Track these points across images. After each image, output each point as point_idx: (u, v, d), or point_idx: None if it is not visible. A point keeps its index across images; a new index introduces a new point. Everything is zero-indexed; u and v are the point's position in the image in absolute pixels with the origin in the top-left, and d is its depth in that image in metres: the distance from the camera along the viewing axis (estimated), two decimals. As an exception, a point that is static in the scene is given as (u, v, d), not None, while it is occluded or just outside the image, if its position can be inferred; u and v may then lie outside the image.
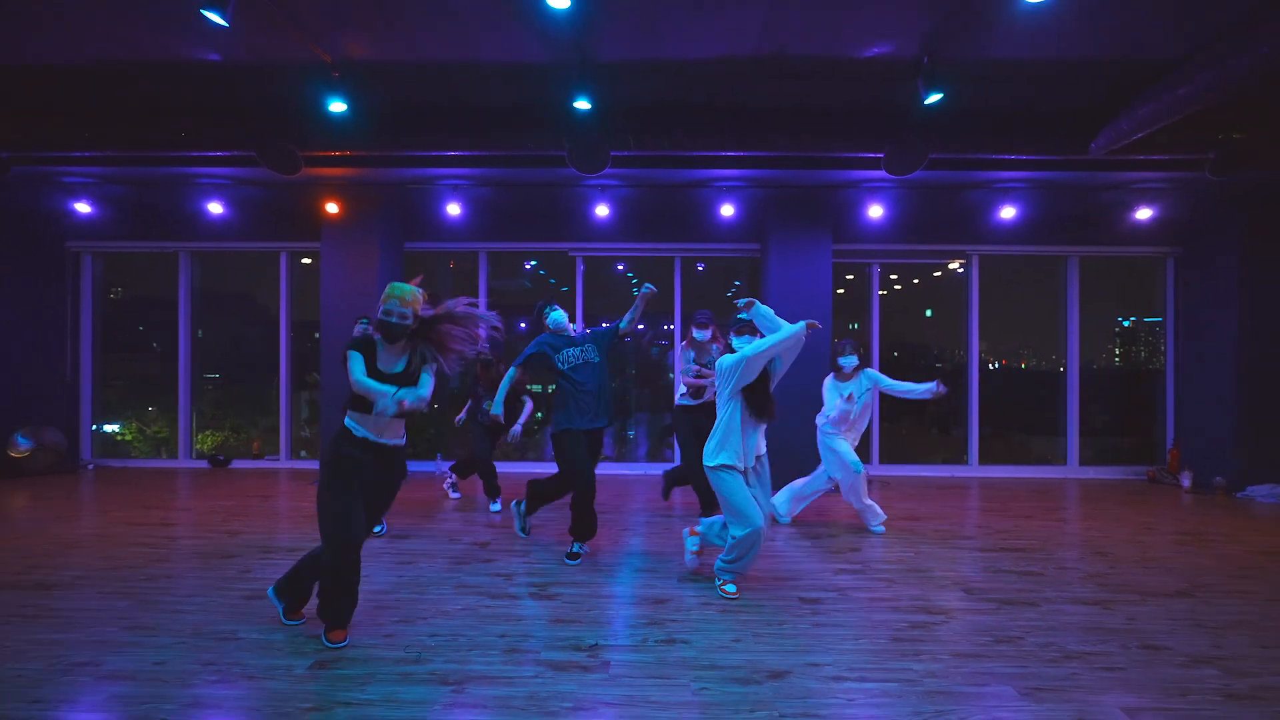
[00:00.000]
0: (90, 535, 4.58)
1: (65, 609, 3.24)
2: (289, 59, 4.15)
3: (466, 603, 3.36)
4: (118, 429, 7.83)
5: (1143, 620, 3.19)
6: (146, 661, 2.68)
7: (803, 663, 2.71)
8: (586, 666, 2.67)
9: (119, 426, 7.83)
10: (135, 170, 5.71)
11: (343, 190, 6.31)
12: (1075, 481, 6.93)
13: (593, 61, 4.15)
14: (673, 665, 2.69)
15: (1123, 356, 8.05)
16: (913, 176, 5.27)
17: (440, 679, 2.56)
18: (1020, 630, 3.05)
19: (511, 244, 7.24)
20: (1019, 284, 7.69)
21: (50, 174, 5.96)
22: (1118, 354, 8.10)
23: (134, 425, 7.84)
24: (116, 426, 7.82)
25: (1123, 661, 2.75)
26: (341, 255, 6.47)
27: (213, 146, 4.95)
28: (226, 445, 7.82)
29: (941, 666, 2.68)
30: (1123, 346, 8.09)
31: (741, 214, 6.60)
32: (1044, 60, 4.09)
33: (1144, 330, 7.95)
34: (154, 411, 7.93)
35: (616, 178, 5.90)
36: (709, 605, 3.35)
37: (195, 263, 7.51)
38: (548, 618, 3.17)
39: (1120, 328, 8.03)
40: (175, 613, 3.20)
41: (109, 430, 7.80)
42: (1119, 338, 8.09)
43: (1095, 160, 4.91)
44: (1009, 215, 6.33)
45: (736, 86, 4.55)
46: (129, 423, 7.83)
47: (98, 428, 7.67)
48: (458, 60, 4.17)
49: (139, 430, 7.88)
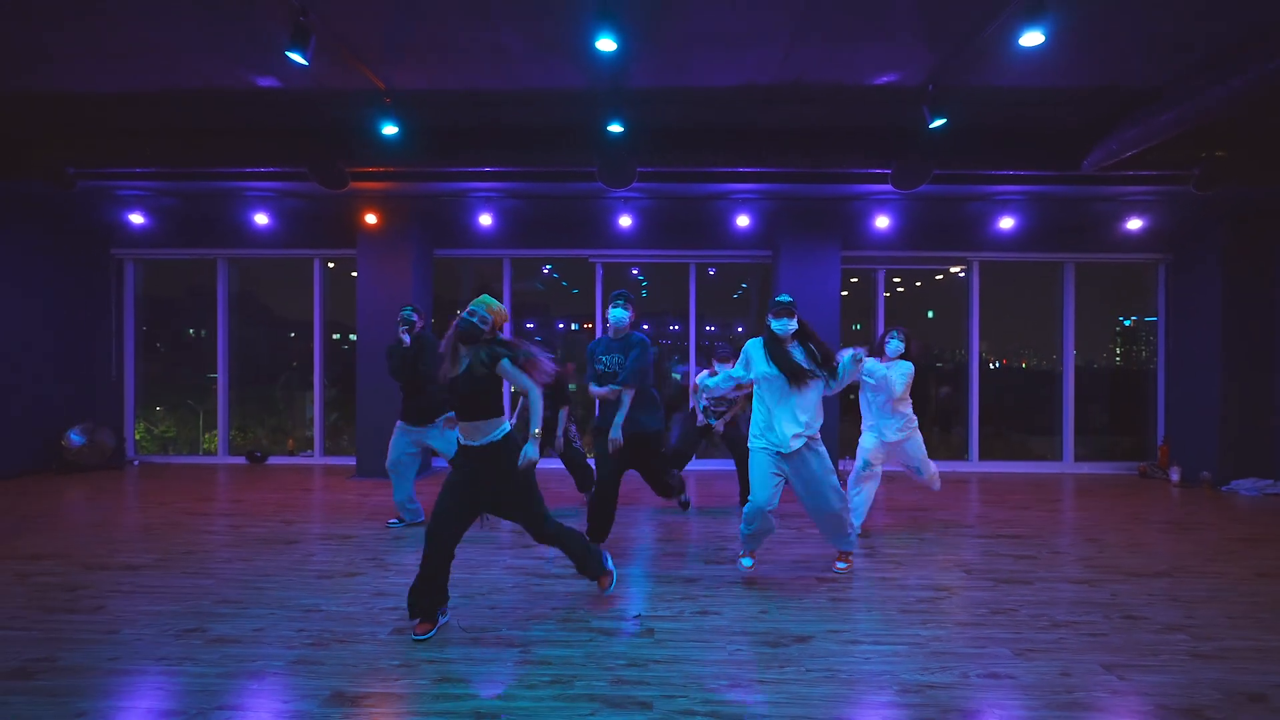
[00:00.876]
0: (158, 524, 4.95)
1: (158, 585, 3.61)
2: (346, 86, 4.52)
3: (517, 581, 3.74)
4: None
5: (1125, 596, 3.56)
6: (247, 629, 3.06)
7: (823, 630, 3.08)
8: (633, 633, 3.05)
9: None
10: (189, 185, 6.09)
11: (380, 202, 6.68)
12: (1070, 476, 7.30)
13: (625, 89, 4.53)
14: (709, 632, 3.06)
15: (1124, 355, 8.35)
16: (918, 190, 5.64)
17: (507, 643, 2.93)
18: (1015, 604, 3.43)
19: (534, 250, 7.62)
20: (1018, 287, 8.05)
21: (106, 188, 6.34)
22: (1118, 353, 8.41)
23: (142, 425, 8.05)
24: None
25: (1105, 629, 3.12)
26: (377, 262, 6.84)
27: (266, 163, 5.33)
28: (259, 443, 8.18)
29: (945, 633, 3.06)
30: (1124, 345, 8.40)
31: (755, 224, 6.97)
32: (1038, 88, 4.46)
33: (1145, 329, 8.15)
34: (161, 411, 8.20)
35: (640, 191, 6.28)
36: (735, 584, 3.72)
37: (233, 269, 7.89)
38: (592, 594, 3.54)
39: (1121, 327, 8.33)
40: (258, 589, 3.58)
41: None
42: (1119, 336, 8.41)
43: (1088, 175, 5.27)
44: (1008, 225, 6.71)
45: (756, 110, 4.92)
46: (137, 422, 8.00)
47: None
48: (503, 88, 4.54)
49: (147, 430, 8.15)
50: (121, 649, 2.84)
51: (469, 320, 3.04)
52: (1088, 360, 7.97)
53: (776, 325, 3.58)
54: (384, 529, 4.85)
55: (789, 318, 3.57)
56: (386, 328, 6.79)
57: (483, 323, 3.06)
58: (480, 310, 3.08)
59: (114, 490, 6.21)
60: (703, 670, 2.68)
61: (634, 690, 2.52)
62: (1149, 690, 2.55)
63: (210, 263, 7.79)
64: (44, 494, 6.00)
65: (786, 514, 5.32)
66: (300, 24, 3.50)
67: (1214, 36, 3.80)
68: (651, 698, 2.47)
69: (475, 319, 3.04)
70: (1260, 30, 3.68)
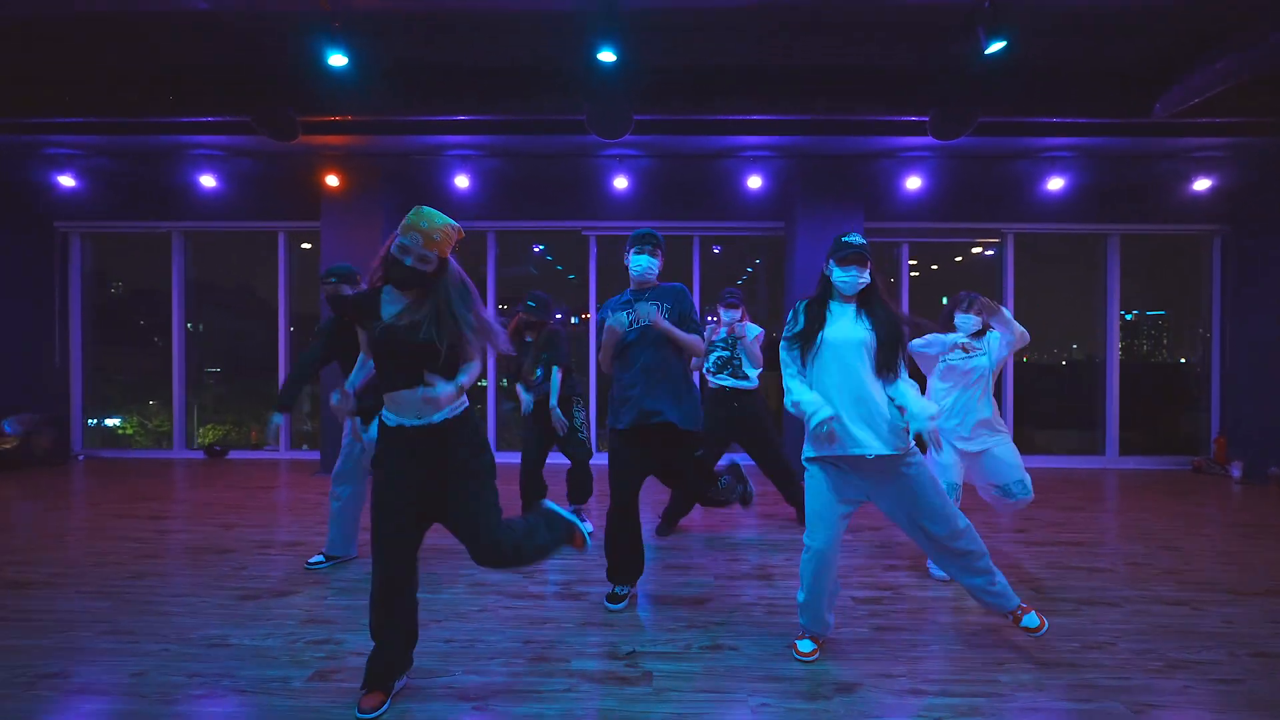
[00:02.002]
0: (76, 529, 4.25)
1: (39, 610, 2.91)
2: (284, 6, 3.78)
3: (484, 603, 3.03)
4: (119, 423, 7.51)
5: (1241, 624, 2.85)
6: (123, 673, 2.35)
7: (872, 673, 2.37)
8: (625, 678, 2.34)
9: (120, 420, 7.52)
10: (121, 140, 5.34)
11: (343, 161, 5.94)
12: (1114, 472, 6.59)
13: (617, 8, 3.78)
14: (723, 676, 2.35)
15: (1125, 350, 7.69)
16: (956, 143, 4.91)
17: (459, 693, 2.23)
18: (1109, 635, 2.71)
19: (521, 223, 6.88)
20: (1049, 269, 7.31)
21: (32, 144, 5.60)
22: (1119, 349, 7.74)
23: (135, 419, 7.54)
24: (118, 421, 7.51)
25: (1234, 671, 2.41)
26: (342, 233, 6.11)
27: (204, 111, 4.60)
28: (227, 439, 7.50)
29: (1031, 678, 2.35)
30: (1125, 340, 7.74)
31: (767, 188, 6.23)
32: (1114, 4, 3.71)
33: (1146, 324, 7.70)
34: (155, 405, 7.62)
35: (636, 146, 5.53)
36: (754, 606, 3.02)
37: (190, 247, 7.16)
38: (576, 621, 2.84)
39: (1122, 321, 7.68)
40: (160, 615, 2.87)
41: (110, 425, 7.49)
42: (1121, 331, 7.74)
43: (1158, 124, 4.55)
44: (1055, 187, 5.94)
45: (771, 44, 4.19)
46: (131, 416, 7.51)
47: (98, 422, 7.36)
48: (469, 8, 3.80)
49: (140, 424, 7.57)
50: (-56, 704, 2.14)
51: (400, 263, 2.05)
52: (1089, 355, 7.31)
53: (841, 276, 2.43)
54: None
55: (860, 267, 2.41)
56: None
57: (422, 261, 2.05)
58: (415, 245, 2.03)
59: (42, 489, 5.50)
60: (719, 740, 1.98)
61: (624, 773, 1.82)
62: (1338, 771, 1.84)
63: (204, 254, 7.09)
64: (-38, 493, 5.30)
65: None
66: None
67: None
68: (648, 787, 1.76)
69: (410, 259, 2.04)
70: None
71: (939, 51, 4.23)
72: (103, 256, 7.38)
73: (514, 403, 4.15)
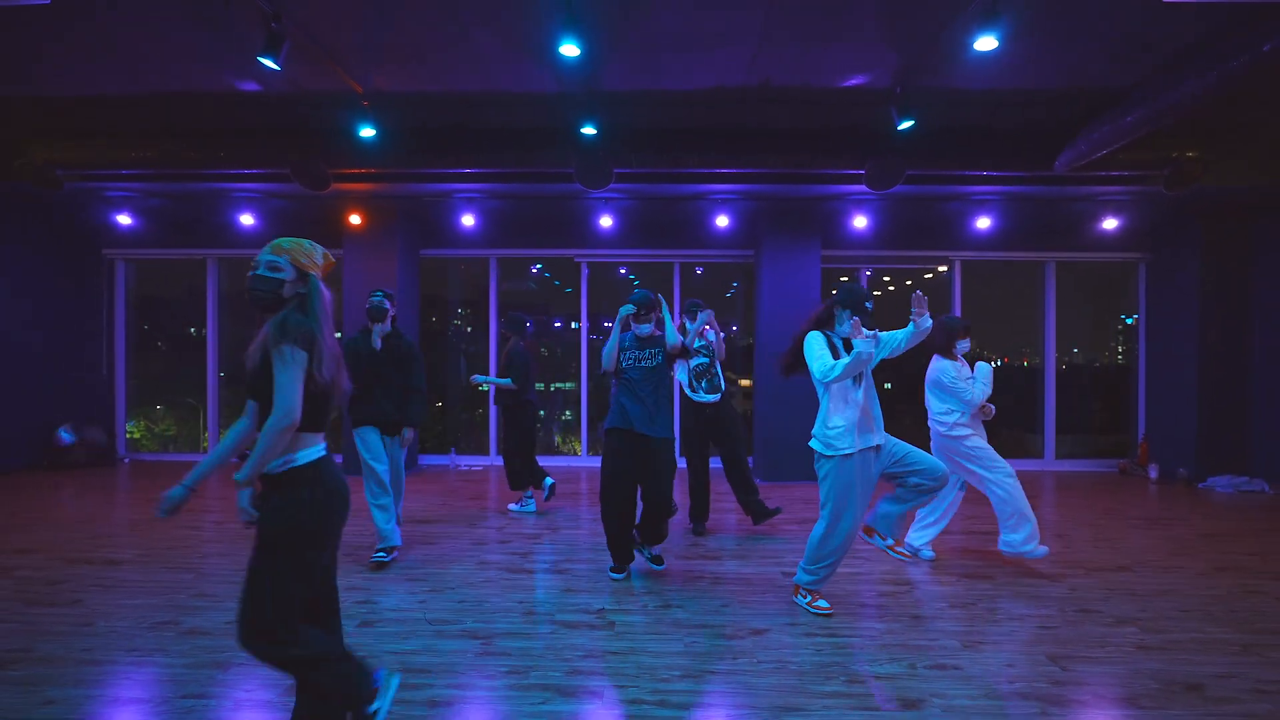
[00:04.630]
0: (143, 520, 5.04)
1: (137, 580, 3.70)
2: (323, 88, 4.60)
3: (488, 576, 3.82)
4: (128, 427, 8.18)
5: (1083, 590, 3.63)
6: (218, 621, 3.14)
7: (780, 623, 3.16)
8: (594, 626, 3.12)
9: (129, 425, 8.15)
10: (175, 186, 6.17)
11: (365, 203, 6.76)
12: (1052, 474, 7.36)
13: (598, 91, 4.60)
14: (668, 625, 3.14)
15: (1125, 354, 8.34)
16: (893, 190, 5.70)
17: (470, 635, 3.01)
18: (974, 599, 3.50)
19: (520, 250, 7.70)
20: (1002, 285, 8.11)
21: (95, 189, 6.42)
22: (1120, 351, 8.42)
23: (143, 423, 8.13)
24: (129, 425, 8.18)
25: (1057, 622, 3.19)
26: (362, 262, 6.93)
27: (249, 165, 5.41)
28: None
29: (900, 625, 3.13)
30: (1125, 344, 8.40)
31: (735, 224, 7.03)
32: (1005, 89, 4.52)
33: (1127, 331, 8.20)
34: (161, 410, 8.25)
35: (619, 191, 6.35)
36: (700, 578, 3.80)
37: (222, 268, 7.98)
38: (560, 588, 3.62)
39: (1124, 325, 8.31)
40: (235, 584, 3.65)
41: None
42: (1121, 335, 8.42)
43: (1060, 176, 5.33)
44: (985, 225, 6.76)
45: (729, 112, 4.99)
46: (138, 421, 8.09)
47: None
48: (478, 91, 4.62)
49: (147, 428, 8.23)
50: (95, 640, 2.93)
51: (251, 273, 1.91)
52: (1089, 358, 8.02)
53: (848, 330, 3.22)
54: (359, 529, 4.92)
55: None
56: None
57: (272, 269, 1.88)
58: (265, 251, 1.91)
59: (102, 487, 6.31)
60: (656, 662, 2.76)
61: (587, 680, 2.60)
62: (1089, 680, 2.62)
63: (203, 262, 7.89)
64: (33, 491, 6.10)
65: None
66: (272, 30, 3.57)
67: (1174, 36, 3.86)
68: (603, 687, 2.55)
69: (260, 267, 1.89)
70: (1218, 31, 3.74)
71: (869, 117, 5.03)
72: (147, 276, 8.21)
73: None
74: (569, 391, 8.33)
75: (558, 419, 8.40)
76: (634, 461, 3.65)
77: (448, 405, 8.41)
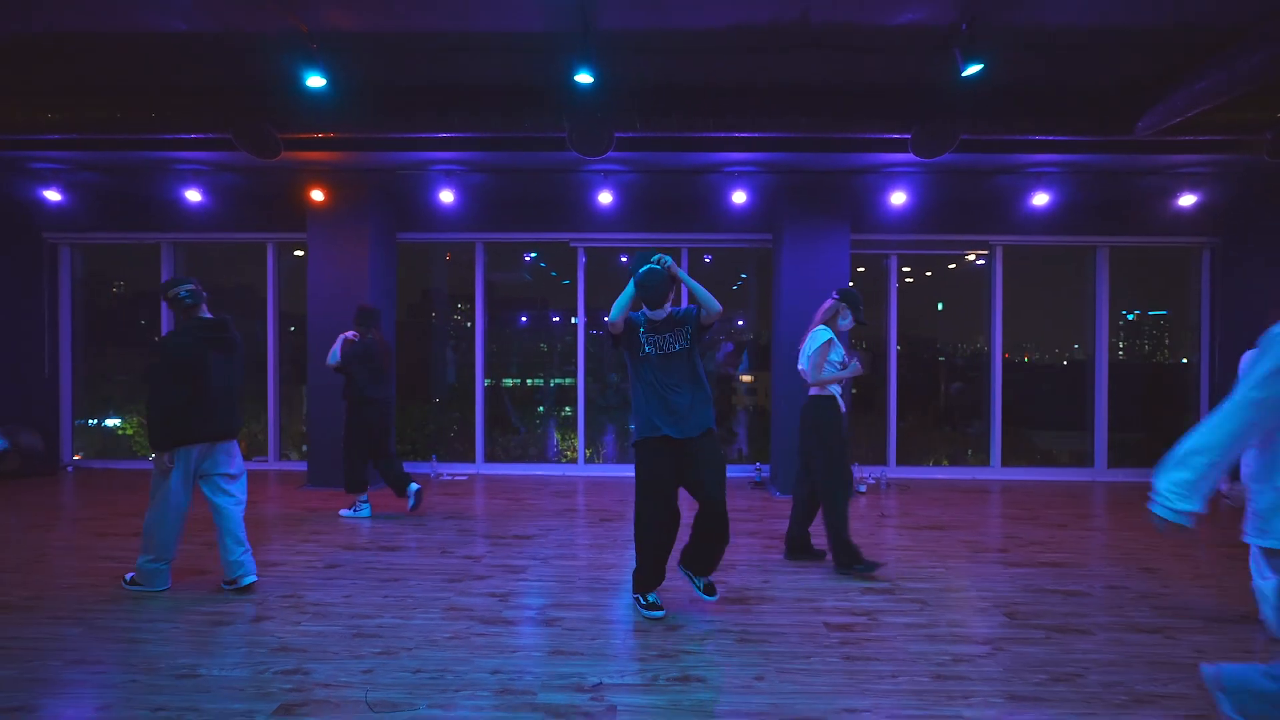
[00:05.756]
0: (57, 547, 4.26)
1: (10, 638, 2.91)
2: (262, 29, 3.79)
3: (457, 629, 3.03)
4: (119, 423, 7.54)
5: (1212, 652, 2.84)
6: (88, 706, 2.36)
7: (837, 709, 2.37)
8: (589, 713, 2.34)
9: (120, 421, 7.55)
10: (106, 155, 5.35)
11: (328, 176, 5.94)
12: (1104, 485, 6.58)
13: (595, 30, 3.78)
14: (688, 711, 2.35)
15: (1126, 351, 7.69)
16: (940, 160, 4.90)
17: (422, 729, 2.23)
18: (1077, 665, 2.71)
19: (510, 234, 6.89)
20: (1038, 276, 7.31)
21: (16, 159, 5.60)
22: (1120, 348, 7.75)
23: (136, 420, 7.55)
24: (118, 421, 7.54)
25: (1203, 707, 2.41)
26: (329, 246, 6.12)
27: (185, 128, 4.60)
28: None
29: (996, 713, 2.34)
30: (1126, 340, 7.74)
31: (753, 202, 6.22)
32: (1093, 28, 3.71)
33: (1148, 324, 7.64)
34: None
35: (620, 162, 5.53)
36: (725, 633, 3.01)
37: (180, 255, 7.17)
38: (546, 649, 2.84)
39: (1124, 321, 7.68)
40: (131, 643, 2.87)
41: (111, 425, 7.52)
42: (1122, 331, 7.74)
43: (1140, 142, 4.54)
44: (1041, 202, 5.92)
45: (751, 61, 4.18)
46: (130, 417, 7.55)
47: (97, 422, 7.39)
48: (447, 30, 3.80)
49: (140, 424, 7.59)
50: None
51: None
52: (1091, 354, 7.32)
53: None
54: (312, 559, 4.14)
55: None
56: (341, 318, 6.09)
57: None
58: None
59: (28, 504, 5.51)
60: (675, 783, 1.98)
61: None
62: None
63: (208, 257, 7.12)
64: (-52, 507, 5.30)
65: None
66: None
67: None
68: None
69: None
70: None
71: (921, 70, 4.23)
72: (97, 263, 7.40)
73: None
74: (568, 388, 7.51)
75: (556, 415, 7.60)
76: (676, 461, 3.13)
77: (432, 409, 7.60)
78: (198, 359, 3.34)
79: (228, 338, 3.47)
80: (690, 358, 3.21)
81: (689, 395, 3.15)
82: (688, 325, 3.20)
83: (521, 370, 7.72)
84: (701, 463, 3.11)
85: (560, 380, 7.61)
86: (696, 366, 3.23)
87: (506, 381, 7.61)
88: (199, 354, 3.34)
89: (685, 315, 3.22)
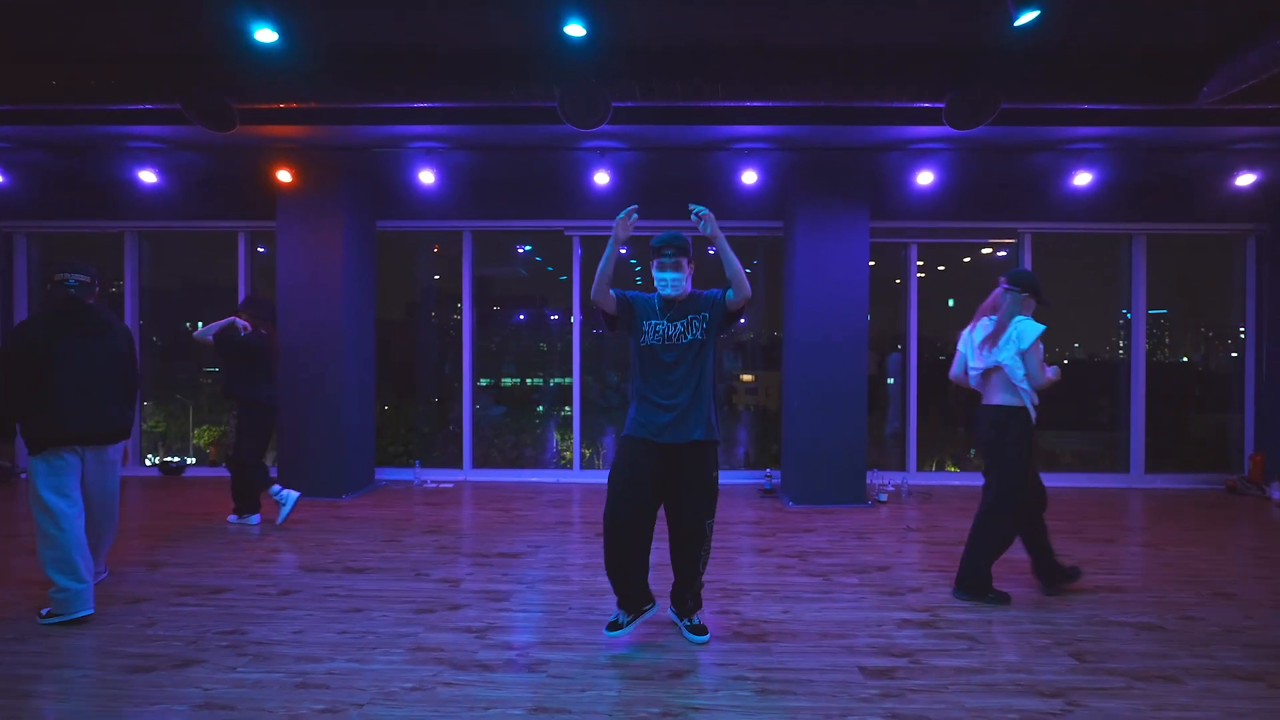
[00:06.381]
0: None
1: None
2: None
3: (421, 677, 2.53)
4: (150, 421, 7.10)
5: (1331, 707, 2.35)
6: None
7: (890, 795, 1.87)
8: (576, 802, 1.83)
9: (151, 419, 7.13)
10: (47, 129, 4.83)
11: (297, 155, 5.43)
12: (1141, 492, 6.08)
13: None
14: (701, 798, 1.85)
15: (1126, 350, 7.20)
16: (973, 133, 4.41)
17: (360, 827, 1.73)
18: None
19: (499, 222, 6.38)
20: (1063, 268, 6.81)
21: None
22: (1121, 347, 7.26)
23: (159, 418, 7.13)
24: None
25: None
26: (300, 233, 5.60)
27: (131, 96, 4.10)
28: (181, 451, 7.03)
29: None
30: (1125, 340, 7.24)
31: (763, 184, 5.71)
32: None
33: (1148, 322, 7.13)
34: (149, 406, 7.15)
35: (617, 137, 5.03)
36: (742, 681, 2.51)
37: (147, 246, 6.67)
38: (527, 705, 2.33)
39: (1124, 319, 7.19)
40: (24, 698, 2.37)
41: None
42: (1122, 330, 7.25)
43: (1202, 111, 4.04)
44: (1082, 183, 5.38)
45: (764, 19, 3.68)
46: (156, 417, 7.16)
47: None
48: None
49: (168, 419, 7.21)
50: None
51: None
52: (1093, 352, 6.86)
53: None
54: (266, 582, 3.63)
55: None
56: (312, 313, 5.60)
57: None
58: None
59: (-33, 515, 5.01)
60: None
61: None
62: None
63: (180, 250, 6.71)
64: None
65: (801, 551, 4.13)
66: None
67: None
68: None
69: None
70: None
71: (958, 28, 3.73)
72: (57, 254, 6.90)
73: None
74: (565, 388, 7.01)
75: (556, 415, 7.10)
76: (657, 469, 2.68)
77: (416, 412, 7.09)
78: (44, 351, 2.88)
79: (91, 324, 3.01)
80: (701, 354, 2.74)
81: (687, 397, 2.69)
82: (708, 312, 2.74)
83: (521, 370, 7.26)
84: (684, 483, 2.69)
85: (560, 380, 7.15)
86: (706, 366, 2.76)
87: (505, 381, 7.17)
88: (45, 345, 2.89)
89: (709, 299, 2.76)
